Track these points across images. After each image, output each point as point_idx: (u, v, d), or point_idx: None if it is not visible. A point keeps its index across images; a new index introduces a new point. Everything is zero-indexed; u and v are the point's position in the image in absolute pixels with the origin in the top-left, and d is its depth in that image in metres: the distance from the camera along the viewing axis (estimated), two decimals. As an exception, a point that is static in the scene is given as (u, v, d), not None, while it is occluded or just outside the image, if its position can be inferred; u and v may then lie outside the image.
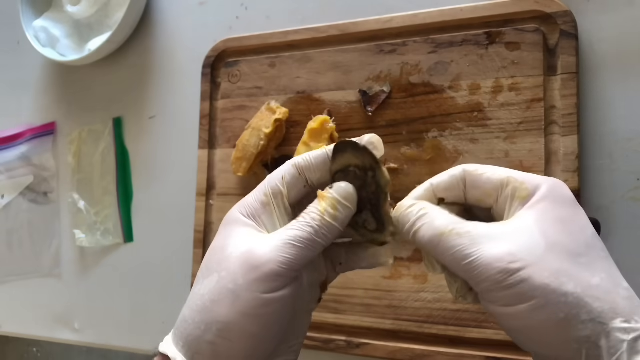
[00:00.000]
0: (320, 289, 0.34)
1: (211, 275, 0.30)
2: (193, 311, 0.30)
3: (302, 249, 0.29)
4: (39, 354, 1.73)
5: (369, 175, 0.31)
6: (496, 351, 0.45)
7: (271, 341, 0.30)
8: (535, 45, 0.46)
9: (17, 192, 0.75)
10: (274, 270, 0.29)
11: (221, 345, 0.29)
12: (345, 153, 0.31)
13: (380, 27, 0.52)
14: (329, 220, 0.30)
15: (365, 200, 0.31)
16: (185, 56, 0.65)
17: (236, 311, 0.28)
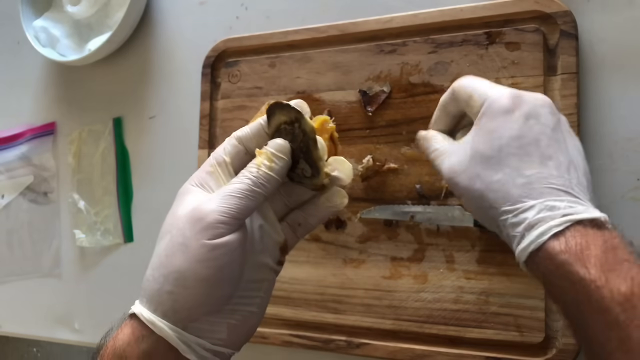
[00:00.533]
0: (280, 251, 0.36)
1: (165, 236, 0.34)
2: (152, 269, 0.34)
3: (241, 198, 0.33)
4: (39, 354, 1.73)
5: (295, 127, 0.34)
6: (496, 351, 0.45)
7: (224, 285, 0.32)
8: (535, 45, 0.46)
9: (17, 192, 0.75)
10: (217, 219, 0.32)
11: (179, 293, 0.32)
12: (274, 114, 0.35)
13: (380, 27, 0.52)
14: (266, 171, 0.34)
15: (298, 150, 0.35)
16: (185, 56, 0.65)
17: (187, 259, 0.32)
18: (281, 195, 0.38)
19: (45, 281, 0.71)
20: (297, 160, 0.35)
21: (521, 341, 0.44)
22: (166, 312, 0.32)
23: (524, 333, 0.44)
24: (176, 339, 0.32)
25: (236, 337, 0.34)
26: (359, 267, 0.51)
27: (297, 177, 0.36)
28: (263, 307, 0.36)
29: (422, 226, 0.49)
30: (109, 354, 0.33)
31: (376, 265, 0.50)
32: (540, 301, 0.44)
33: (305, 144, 0.34)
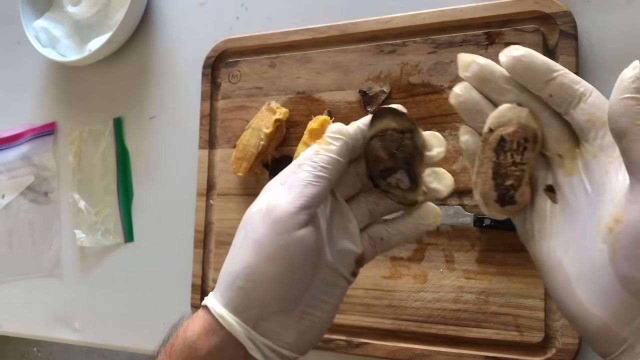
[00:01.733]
0: (355, 262, 0.35)
1: (239, 233, 0.34)
2: (227, 264, 0.33)
3: (305, 186, 0.32)
4: (39, 354, 1.73)
5: (405, 137, 0.33)
6: (496, 351, 0.45)
7: (294, 284, 0.32)
8: (535, 46, 0.46)
9: (17, 192, 0.75)
10: (285, 210, 0.31)
11: (250, 290, 0.31)
12: (384, 118, 0.34)
13: (380, 28, 0.52)
14: (324, 153, 0.33)
15: (401, 160, 0.34)
16: (186, 56, 0.65)
17: (259, 255, 0.31)
18: (367, 202, 0.36)
19: (45, 281, 0.71)
20: (395, 169, 0.34)
21: (521, 341, 0.44)
22: (237, 307, 0.32)
23: (524, 333, 0.44)
24: (244, 336, 0.31)
25: (302, 342, 0.33)
26: (359, 267, 0.51)
27: (387, 186, 0.35)
28: (332, 314, 0.34)
29: (422, 226, 0.49)
30: (179, 344, 0.32)
31: (376, 265, 0.50)
32: (540, 301, 0.44)
33: (412, 157, 0.34)
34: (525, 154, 0.31)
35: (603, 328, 0.28)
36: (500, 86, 0.31)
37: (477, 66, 0.31)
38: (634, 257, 0.26)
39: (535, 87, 0.30)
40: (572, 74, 0.30)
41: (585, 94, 0.29)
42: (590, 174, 0.30)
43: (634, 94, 0.27)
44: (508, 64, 0.30)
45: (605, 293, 0.28)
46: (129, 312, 0.65)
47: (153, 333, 0.62)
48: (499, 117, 0.31)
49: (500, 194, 0.31)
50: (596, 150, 0.29)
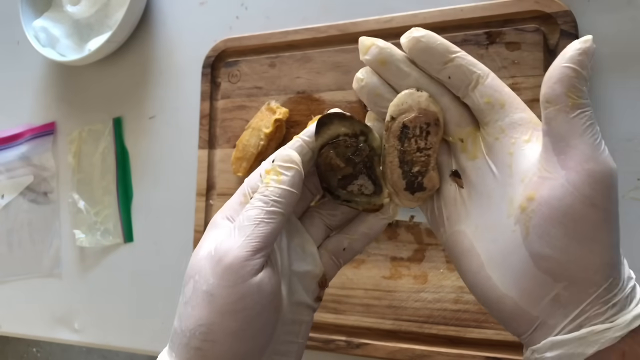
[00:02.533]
0: (318, 285, 0.33)
1: (188, 282, 0.30)
2: (178, 320, 0.30)
3: (257, 225, 0.29)
4: (38, 354, 1.73)
5: (360, 140, 0.32)
6: (496, 351, 0.45)
7: (257, 337, 0.29)
8: (536, 45, 0.46)
9: (17, 192, 0.75)
10: (237, 256, 0.28)
11: (207, 350, 0.28)
12: (331, 124, 0.32)
13: (380, 27, 0.52)
14: (275, 185, 0.30)
15: (360, 164, 0.32)
16: (185, 56, 0.65)
17: (213, 310, 0.28)
18: (322, 217, 0.34)
19: (45, 281, 0.71)
20: (355, 175, 0.32)
21: (521, 341, 0.44)
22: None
23: (524, 333, 0.44)
24: None
25: None
26: (359, 267, 0.51)
27: (349, 195, 0.32)
28: (300, 354, 0.32)
29: (422, 226, 0.49)
30: None
31: (376, 265, 0.50)
32: (541, 301, 0.44)
33: (370, 159, 0.32)
34: (428, 138, 0.31)
35: (516, 309, 0.28)
36: (400, 69, 0.31)
37: (376, 49, 0.31)
38: (547, 235, 0.27)
39: (434, 68, 0.30)
40: (470, 57, 0.30)
41: (483, 76, 0.30)
42: (494, 157, 0.30)
43: (576, 65, 0.27)
44: (407, 45, 0.30)
45: (518, 273, 0.28)
46: (128, 312, 0.65)
47: (153, 333, 0.63)
48: (399, 104, 0.31)
49: (408, 181, 0.31)
50: (497, 132, 0.30)
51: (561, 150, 0.27)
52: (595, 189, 0.26)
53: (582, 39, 0.27)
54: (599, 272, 0.26)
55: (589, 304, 0.26)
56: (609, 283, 0.26)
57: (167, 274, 0.63)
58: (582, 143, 0.26)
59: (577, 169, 0.26)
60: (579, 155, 0.26)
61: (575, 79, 0.26)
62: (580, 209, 0.26)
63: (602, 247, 0.26)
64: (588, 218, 0.26)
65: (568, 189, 0.26)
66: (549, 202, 0.27)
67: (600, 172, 0.26)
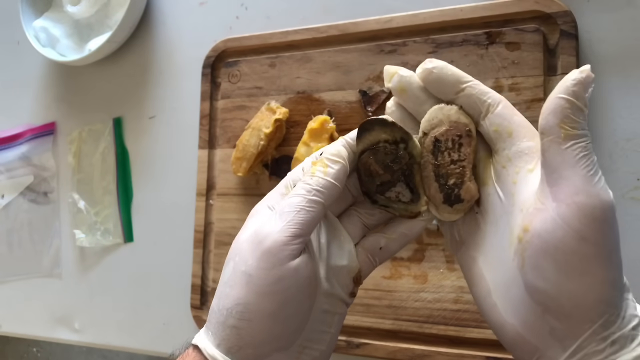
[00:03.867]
0: (353, 281, 0.33)
1: (228, 264, 0.31)
2: (218, 299, 0.31)
3: (298, 212, 0.30)
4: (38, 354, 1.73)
5: (400, 148, 0.32)
6: (496, 351, 0.45)
7: (292, 319, 0.30)
8: (535, 45, 0.46)
9: (17, 192, 0.75)
10: (277, 239, 0.29)
11: (243, 329, 0.29)
12: (372, 130, 0.32)
13: (380, 27, 0.52)
14: (320, 176, 0.31)
15: (398, 172, 0.32)
16: (185, 56, 0.65)
17: (251, 290, 0.29)
18: (360, 215, 0.34)
19: (45, 281, 0.71)
20: (393, 182, 0.32)
21: (521, 341, 0.44)
22: (230, 348, 0.30)
23: (524, 333, 0.44)
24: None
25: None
26: (359, 267, 0.51)
27: (387, 200, 0.33)
28: (332, 345, 0.32)
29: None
30: None
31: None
32: (540, 301, 0.44)
33: (409, 167, 0.32)
34: (461, 150, 0.31)
35: (517, 337, 0.28)
36: (417, 97, 0.32)
37: (397, 77, 0.32)
38: (539, 268, 0.27)
39: (447, 98, 0.31)
40: (482, 86, 0.31)
41: (493, 105, 0.30)
42: (501, 184, 0.30)
43: (570, 97, 0.27)
44: (421, 76, 0.32)
45: (517, 303, 0.28)
46: (128, 312, 0.65)
47: (153, 333, 0.63)
48: (430, 119, 0.31)
49: (445, 194, 0.31)
50: (504, 160, 0.30)
51: (554, 182, 0.27)
52: (584, 224, 0.25)
53: (580, 68, 0.27)
54: (593, 308, 0.26)
55: (585, 339, 0.26)
56: (603, 320, 0.26)
57: (167, 274, 0.63)
58: (574, 175, 0.26)
59: (567, 202, 0.26)
60: (570, 187, 0.26)
61: (568, 110, 0.26)
62: (570, 243, 0.26)
63: (595, 282, 0.26)
64: (578, 252, 0.26)
65: (558, 223, 0.26)
66: (541, 235, 0.27)
67: (590, 205, 0.25)
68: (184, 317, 0.60)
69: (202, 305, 0.58)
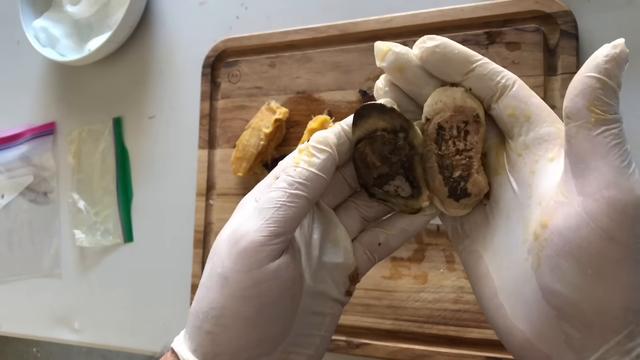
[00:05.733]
0: (349, 279, 0.30)
1: (207, 263, 0.29)
2: (196, 302, 0.29)
3: (277, 209, 0.27)
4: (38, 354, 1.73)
5: (399, 137, 0.28)
6: (496, 351, 0.45)
7: (272, 325, 0.27)
8: (536, 45, 0.46)
9: (17, 192, 0.75)
10: (254, 240, 0.26)
11: (219, 334, 0.27)
12: (369, 117, 0.29)
13: (380, 27, 0.52)
14: (304, 167, 0.27)
15: (397, 164, 0.29)
16: (185, 56, 0.65)
17: (226, 294, 0.27)
18: (359, 208, 0.31)
19: (45, 281, 0.71)
20: (392, 175, 0.29)
21: (521, 341, 0.44)
22: (206, 354, 0.27)
23: (524, 333, 0.44)
24: None
25: None
26: (359, 267, 0.51)
27: (385, 194, 0.30)
28: (323, 348, 0.30)
29: (422, 226, 0.49)
30: None
31: (376, 265, 0.50)
32: (541, 301, 0.44)
33: (409, 159, 0.29)
34: (468, 138, 0.27)
35: (526, 343, 0.26)
36: (418, 76, 0.28)
37: (393, 55, 0.29)
38: (559, 269, 0.24)
39: (453, 80, 0.27)
40: (494, 64, 0.27)
41: (508, 86, 0.27)
42: (516, 174, 0.27)
43: (602, 75, 0.23)
44: (422, 56, 0.28)
45: (528, 306, 0.25)
46: (128, 312, 0.65)
47: (153, 333, 0.63)
48: (433, 103, 0.28)
49: (451, 187, 0.28)
50: (521, 147, 0.27)
51: (581, 173, 0.23)
52: (615, 221, 0.22)
53: (613, 43, 0.24)
54: (618, 318, 0.23)
55: (607, 351, 0.23)
56: (629, 330, 0.23)
57: (167, 274, 0.63)
58: (604, 165, 0.23)
59: (595, 196, 0.23)
60: (600, 179, 0.23)
61: (600, 91, 0.23)
62: (597, 243, 0.22)
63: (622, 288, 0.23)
64: (606, 254, 0.22)
65: (584, 219, 0.23)
66: (562, 233, 0.23)
67: (623, 200, 0.22)
68: (184, 317, 0.60)
69: (202, 305, 0.58)
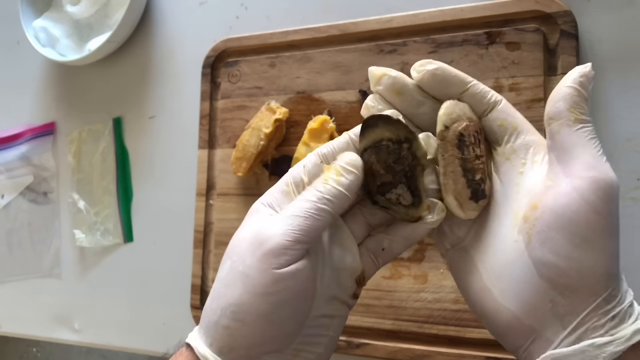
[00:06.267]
0: (355, 283, 0.32)
1: (225, 262, 0.31)
2: (212, 299, 0.30)
3: (306, 218, 0.29)
4: (38, 354, 1.73)
5: (403, 148, 0.31)
6: (496, 351, 0.45)
7: (286, 323, 0.29)
8: (536, 45, 0.46)
9: (17, 192, 0.75)
10: (279, 243, 0.28)
11: (236, 329, 0.29)
12: (376, 128, 0.31)
13: (380, 27, 0.52)
14: (333, 185, 0.30)
15: (400, 174, 0.31)
16: (185, 56, 0.65)
17: (247, 291, 0.28)
18: (364, 214, 0.33)
19: (45, 281, 0.71)
20: (394, 184, 0.31)
21: (521, 341, 0.44)
22: (222, 348, 0.29)
23: (524, 333, 0.44)
24: None
25: None
26: (359, 267, 0.51)
27: (387, 202, 0.31)
28: (331, 348, 0.32)
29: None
30: None
31: (376, 265, 0.50)
32: (541, 301, 0.44)
33: (412, 169, 0.31)
34: (481, 146, 0.31)
35: (513, 320, 0.28)
36: (415, 98, 0.32)
37: (389, 79, 0.32)
38: (549, 241, 0.27)
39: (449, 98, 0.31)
40: (482, 85, 0.32)
41: (497, 102, 0.32)
42: (502, 175, 0.31)
43: (578, 86, 0.29)
44: (422, 78, 0.31)
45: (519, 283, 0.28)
46: (128, 312, 0.65)
47: (153, 333, 0.63)
48: (449, 113, 0.31)
49: (473, 189, 0.31)
50: (509, 152, 0.31)
51: (566, 161, 0.28)
52: (599, 197, 0.26)
53: (583, 65, 0.30)
54: (600, 281, 0.26)
55: (587, 314, 0.26)
56: (607, 293, 0.26)
57: (167, 274, 0.63)
58: (585, 153, 0.27)
59: (581, 176, 0.27)
60: (583, 164, 0.27)
61: (577, 97, 0.29)
62: (585, 215, 0.26)
63: (604, 255, 0.26)
64: (591, 225, 0.26)
65: (572, 196, 0.27)
66: (553, 209, 0.27)
67: (604, 180, 0.27)
68: (184, 317, 0.60)
69: (202, 305, 0.58)
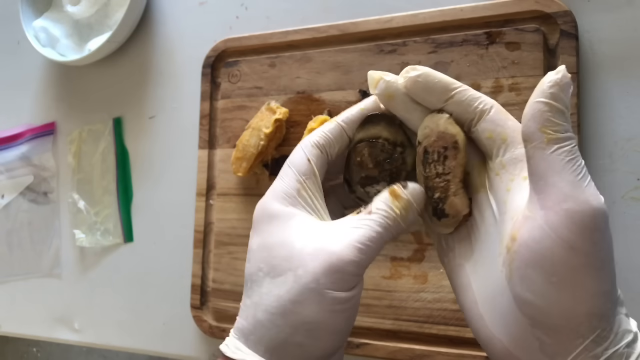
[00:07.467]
0: None
1: (284, 274, 0.29)
2: (272, 314, 0.29)
3: (374, 249, 0.29)
4: (38, 354, 1.73)
5: (397, 150, 0.32)
6: (496, 351, 0.45)
7: (348, 333, 0.30)
8: (536, 45, 0.46)
9: (17, 192, 0.75)
10: (352, 271, 0.28)
11: (310, 345, 0.29)
12: (377, 125, 0.32)
13: (380, 27, 0.52)
14: (400, 221, 0.30)
15: (387, 172, 0.32)
16: (185, 56, 0.65)
17: (324, 309, 0.28)
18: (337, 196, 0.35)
19: (45, 281, 0.71)
20: (377, 180, 0.32)
21: (521, 341, 0.44)
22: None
23: (524, 333, 0.44)
24: None
25: None
26: (359, 267, 0.51)
27: (364, 194, 0.33)
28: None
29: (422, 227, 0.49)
30: None
31: (376, 265, 0.50)
32: (541, 301, 0.44)
33: (398, 172, 0.32)
34: (446, 163, 0.29)
35: (505, 352, 0.27)
36: (406, 103, 0.31)
37: (384, 83, 0.31)
38: (527, 279, 0.25)
39: (435, 107, 0.30)
40: (472, 91, 0.30)
41: (485, 110, 0.29)
42: (494, 192, 0.29)
43: (548, 99, 0.25)
44: (406, 85, 0.30)
45: (505, 316, 0.27)
46: (128, 312, 0.65)
47: (153, 333, 0.63)
48: (423, 128, 0.31)
49: (433, 207, 0.30)
50: (498, 167, 0.29)
51: (541, 189, 0.25)
52: (573, 232, 0.24)
53: (556, 70, 0.26)
54: (583, 322, 0.25)
55: (577, 356, 0.25)
56: (596, 335, 0.25)
57: (167, 274, 0.63)
58: (561, 181, 0.25)
59: (555, 209, 0.25)
60: (557, 194, 0.25)
61: (548, 113, 0.25)
62: (559, 253, 0.24)
63: (586, 295, 0.24)
64: (568, 263, 0.24)
65: (546, 231, 0.25)
66: (528, 244, 0.25)
67: (579, 212, 0.24)
68: (183, 317, 0.60)
69: (202, 305, 0.58)
